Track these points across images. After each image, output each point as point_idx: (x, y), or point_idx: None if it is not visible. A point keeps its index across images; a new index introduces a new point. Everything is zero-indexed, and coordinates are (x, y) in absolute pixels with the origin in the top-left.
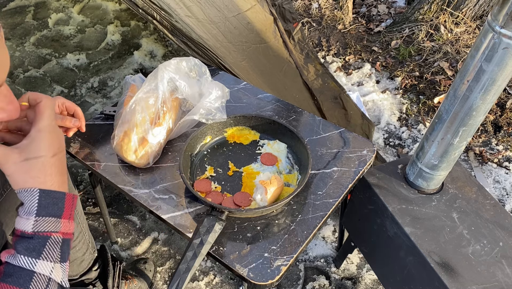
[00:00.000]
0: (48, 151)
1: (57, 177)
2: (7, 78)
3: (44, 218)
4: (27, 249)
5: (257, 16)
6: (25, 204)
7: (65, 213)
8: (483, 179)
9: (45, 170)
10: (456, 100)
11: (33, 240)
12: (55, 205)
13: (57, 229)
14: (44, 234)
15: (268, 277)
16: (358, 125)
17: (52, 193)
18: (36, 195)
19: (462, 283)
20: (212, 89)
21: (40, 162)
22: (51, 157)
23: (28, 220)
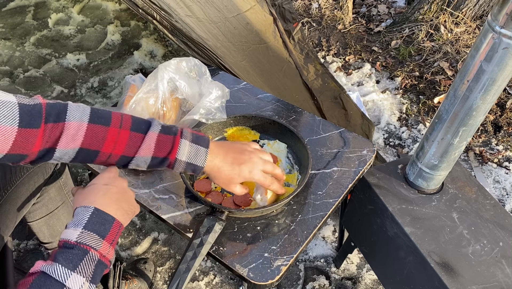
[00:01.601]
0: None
1: (111, 203)
2: (7, 78)
3: (90, 232)
4: (66, 259)
5: (257, 16)
6: (77, 218)
7: (108, 236)
8: (483, 179)
9: (98, 193)
10: (456, 100)
11: (73, 251)
12: (102, 225)
13: (97, 247)
14: (85, 247)
15: (268, 277)
16: (358, 125)
17: (104, 214)
18: (90, 211)
19: (462, 283)
20: (212, 89)
21: (95, 187)
22: (102, 184)
23: (75, 230)
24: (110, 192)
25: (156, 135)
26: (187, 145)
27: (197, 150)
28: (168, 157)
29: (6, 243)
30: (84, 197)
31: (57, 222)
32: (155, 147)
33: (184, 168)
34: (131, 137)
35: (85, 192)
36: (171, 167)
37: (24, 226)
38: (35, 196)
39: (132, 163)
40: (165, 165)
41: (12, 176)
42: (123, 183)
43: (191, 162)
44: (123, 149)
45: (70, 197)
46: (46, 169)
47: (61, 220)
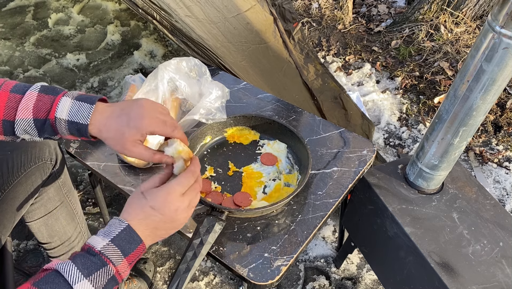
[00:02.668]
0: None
1: (146, 229)
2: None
3: (115, 246)
4: (83, 264)
5: (257, 16)
6: (109, 229)
7: (130, 256)
8: (483, 179)
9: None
10: (456, 100)
11: (94, 259)
12: (129, 244)
13: (117, 263)
14: (106, 259)
15: (268, 277)
16: (358, 125)
17: (134, 234)
18: (122, 227)
19: (462, 283)
20: (212, 89)
21: (143, 205)
22: (149, 207)
23: (103, 240)
24: (151, 219)
25: (36, 94)
26: (68, 102)
27: (79, 106)
28: (48, 118)
29: (5, 243)
30: (129, 206)
31: (55, 222)
32: (34, 107)
33: (68, 129)
34: (10, 98)
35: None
36: (56, 131)
37: (24, 226)
38: (34, 196)
39: (19, 129)
40: (52, 130)
41: (9, 176)
42: (175, 211)
43: (72, 119)
44: (2, 111)
45: (68, 197)
46: (44, 169)
47: (59, 220)
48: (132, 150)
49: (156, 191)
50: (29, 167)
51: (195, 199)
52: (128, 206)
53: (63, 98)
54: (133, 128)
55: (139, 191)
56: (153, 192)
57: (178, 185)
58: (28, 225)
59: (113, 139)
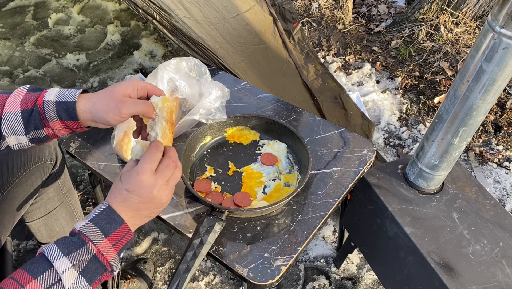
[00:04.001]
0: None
1: (127, 210)
2: (7, 78)
3: (93, 225)
4: (64, 244)
5: (256, 17)
6: (93, 212)
7: (112, 236)
8: (483, 179)
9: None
10: (456, 100)
11: (73, 238)
12: (109, 223)
13: (96, 242)
14: (84, 238)
15: (268, 277)
16: (358, 125)
17: (114, 214)
18: (103, 207)
19: (462, 283)
20: (212, 89)
21: (117, 187)
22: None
23: (83, 221)
24: (130, 201)
25: (24, 92)
26: (55, 89)
27: (67, 91)
28: (36, 104)
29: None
30: (110, 192)
31: (55, 222)
32: (22, 101)
33: (56, 112)
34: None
35: (113, 187)
36: (45, 119)
37: (24, 226)
38: (33, 196)
39: (5, 127)
40: (39, 120)
41: (9, 176)
42: (151, 191)
43: (60, 99)
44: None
45: (68, 198)
46: (44, 169)
47: (59, 220)
48: (124, 100)
49: (128, 173)
50: (29, 167)
51: (172, 175)
52: (110, 191)
53: (50, 89)
54: (125, 83)
55: (119, 177)
56: (126, 174)
57: (145, 163)
58: (28, 225)
59: (104, 97)
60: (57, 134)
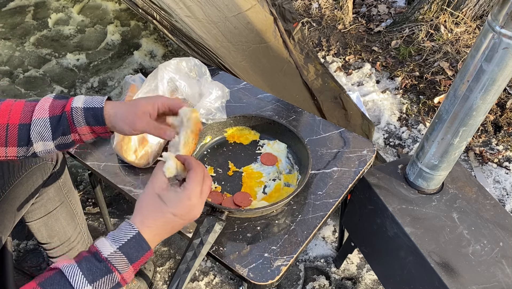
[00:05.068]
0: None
1: (159, 235)
2: (7, 78)
3: (122, 255)
4: (89, 269)
5: (257, 16)
6: (119, 233)
7: (136, 264)
8: (483, 179)
9: (159, 219)
10: (456, 100)
11: (99, 265)
12: (137, 252)
13: (122, 271)
14: (111, 267)
15: (268, 277)
16: (358, 125)
17: (143, 242)
18: (132, 234)
19: (462, 283)
20: (212, 89)
21: (163, 210)
22: (171, 213)
23: (111, 246)
24: (171, 224)
25: (51, 100)
26: (82, 96)
27: (93, 98)
28: (64, 110)
29: (5, 242)
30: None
31: (55, 222)
32: (50, 107)
33: (84, 117)
34: (26, 105)
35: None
36: (73, 124)
37: (24, 226)
38: (34, 196)
39: (34, 133)
40: (67, 125)
41: (10, 176)
42: (196, 213)
43: (87, 106)
44: (18, 116)
45: (68, 198)
46: (45, 169)
47: (59, 220)
48: (141, 118)
49: (176, 197)
50: (30, 167)
51: (208, 189)
52: (144, 208)
53: (77, 96)
54: (146, 99)
55: (154, 193)
56: (173, 197)
57: (197, 185)
58: (28, 225)
59: (127, 109)
60: (83, 139)
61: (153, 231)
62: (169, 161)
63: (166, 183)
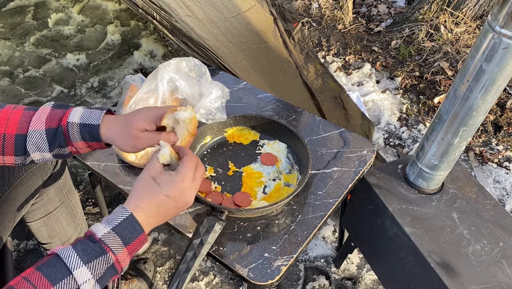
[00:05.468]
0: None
1: (152, 217)
2: (7, 78)
3: (116, 235)
4: (83, 250)
5: (257, 16)
6: (113, 216)
7: (131, 245)
8: (483, 179)
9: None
10: (456, 100)
11: (94, 246)
12: (130, 233)
13: (116, 251)
14: (106, 247)
15: (268, 277)
16: (358, 125)
17: (135, 223)
18: (125, 215)
19: (462, 283)
20: (212, 89)
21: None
22: (164, 194)
23: (104, 228)
24: (165, 206)
25: (49, 109)
26: (79, 110)
27: (91, 112)
28: (60, 124)
29: (5, 243)
30: (141, 193)
31: (55, 222)
32: (47, 118)
33: (80, 133)
34: (24, 114)
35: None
36: (69, 139)
37: (24, 226)
38: (34, 197)
39: (30, 144)
40: (63, 139)
41: (10, 176)
42: (189, 196)
43: (84, 122)
44: (15, 126)
45: (69, 198)
46: (45, 169)
47: (59, 220)
48: (139, 135)
49: (169, 179)
50: (30, 168)
51: (200, 177)
52: (138, 192)
53: (75, 108)
54: (139, 114)
55: (149, 176)
56: (167, 180)
57: (190, 170)
58: (28, 225)
59: (121, 130)
60: (80, 152)
61: (147, 212)
62: (164, 148)
63: (161, 168)
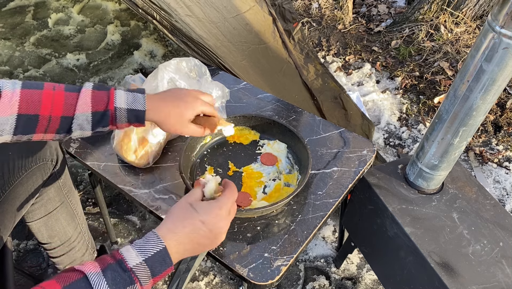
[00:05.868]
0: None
1: (184, 247)
2: (7, 78)
3: (147, 267)
4: (114, 279)
5: (256, 17)
6: (147, 244)
7: (157, 278)
8: (483, 179)
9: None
10: (456, 100)
11: (124, 275)
12: (160, 266)
13: (144, 283)
14: (135, 278)
15: (268, 277)
16: (358, 125)
17: (167, 257)
18: (159, 248)
19: (462, 283)
20: (212, 89)
21: (193, 217)
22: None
23: (137, 257)
24: (198, 233)
25: (90, 91)
26: (123, 93)
27: (134, 96)
28: (108, 109)
29: (5, 243)
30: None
31: (55, 222)
32: (92, 101)
33: (127, 117)
34: (67, 96)
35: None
36: (114, 121)
37: (24, 226)
38: (34, 196)
39: (75, 125)
40: (108, 121)
41: (11, 176)
42: (222, 226)
43: (131, 107)
44: (61, 108)
45: (69, 198)
46: (45, 169)
47: (59, 220)
48: (188, 126)
49: (207, 205)
50: (30, 167)
51: (233, 214)
52: (174, 216)
53: (117, 91)
54: (190, 109)
55: (187, 202)
56: (204, 205)
57: (228, 200)
58: (28, 225)
59: (173, 120)
60: (119, 128)
61: (179, 238)
62: (211, 182)
63: (200, 196)
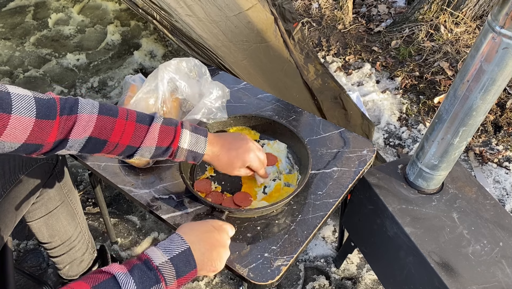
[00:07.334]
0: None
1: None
2: (7, 78)
3: (172, 266)
4: (140, 278)
5: (258, 15)
6: (171, 245)
7: (182, 278)
8: (483, 179)
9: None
10: (456, 100)
11: (150, 274)
12: (185, 266)
13: (169, 282)
14: (161, 277)
15: (268, 277)
16: (358, 125)
17: (191, 257)
18: (184, 247)
19: (462, 283)
20: (212, 89)
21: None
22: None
23: (162, 256)
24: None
25: (159, 126)
26: (188, 134)
27: (197, 138)
28: (171, 146)
29: (6, 242)
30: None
31: (56, 222)
32: (159, 137)
33: (186, 156)
34: (137, 128)
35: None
36: (173, 156)
37: (24, 226)
38: (35, 196)
39: (137, 153)
40: (168, 154)
41: (11, 175)
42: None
43: (192, 149)
44: (129, 139)
45: (69, 197)
46: (45, 168)
47: (60, 220)
48: (237, 172)
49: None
50: (31, 167)
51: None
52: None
53: (183, 130)
54: (240, 160)
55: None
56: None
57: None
58: (28, 225)
59: (224, 167)
60: (175, 161)
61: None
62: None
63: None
